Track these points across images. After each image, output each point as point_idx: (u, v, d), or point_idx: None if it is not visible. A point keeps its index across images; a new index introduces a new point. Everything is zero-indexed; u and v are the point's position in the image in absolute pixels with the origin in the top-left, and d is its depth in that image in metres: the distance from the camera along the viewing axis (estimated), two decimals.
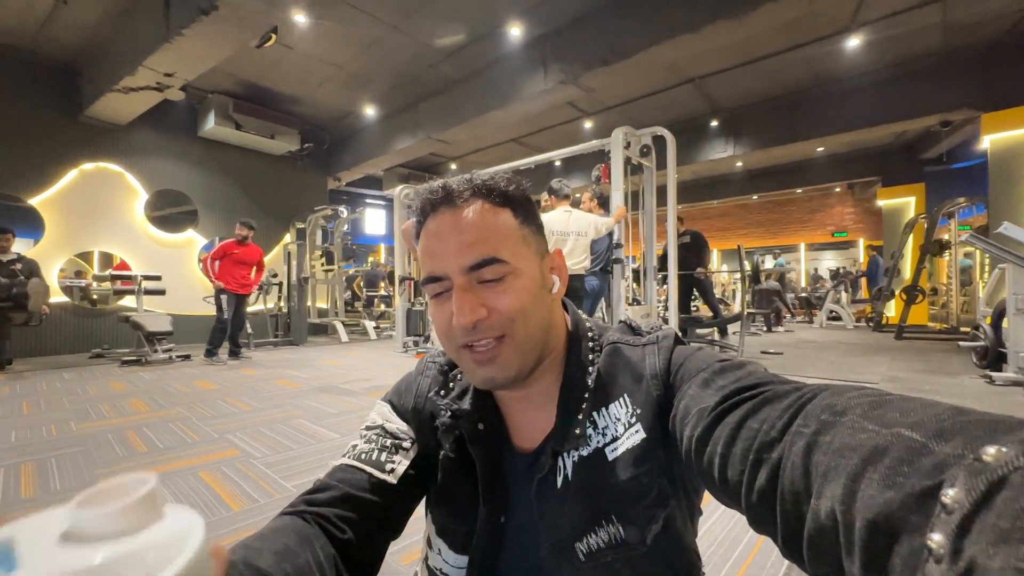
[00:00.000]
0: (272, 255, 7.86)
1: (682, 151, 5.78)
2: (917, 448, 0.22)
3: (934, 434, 0.22)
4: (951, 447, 0.21)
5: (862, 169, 9.92)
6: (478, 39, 5.44)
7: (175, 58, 4.50)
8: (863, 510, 0.22)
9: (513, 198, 0.50)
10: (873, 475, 0.23)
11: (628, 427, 0.48)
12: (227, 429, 2.64)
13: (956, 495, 0.18)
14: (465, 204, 0.47)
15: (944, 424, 0.22)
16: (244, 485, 1.90)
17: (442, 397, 0.56)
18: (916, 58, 6.06)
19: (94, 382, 4.05)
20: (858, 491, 0.23)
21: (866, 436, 0.25)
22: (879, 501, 0.21)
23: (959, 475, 0.18)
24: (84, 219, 5.97)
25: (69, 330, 5.84)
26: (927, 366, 4.34)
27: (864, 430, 0.25)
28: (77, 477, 1.97)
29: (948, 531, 0.17)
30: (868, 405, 0.28)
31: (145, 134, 6.47)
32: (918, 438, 0.22)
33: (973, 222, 7.96)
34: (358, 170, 8.66)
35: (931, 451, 0.21)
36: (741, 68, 6.29)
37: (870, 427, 0.25)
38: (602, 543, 0.46)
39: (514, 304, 0.46)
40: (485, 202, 0.48)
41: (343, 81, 6.44)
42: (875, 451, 0.23)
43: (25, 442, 2.42)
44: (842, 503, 0.23)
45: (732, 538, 1.46)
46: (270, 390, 3.68)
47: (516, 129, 8.14)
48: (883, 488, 0.22)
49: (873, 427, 0.25)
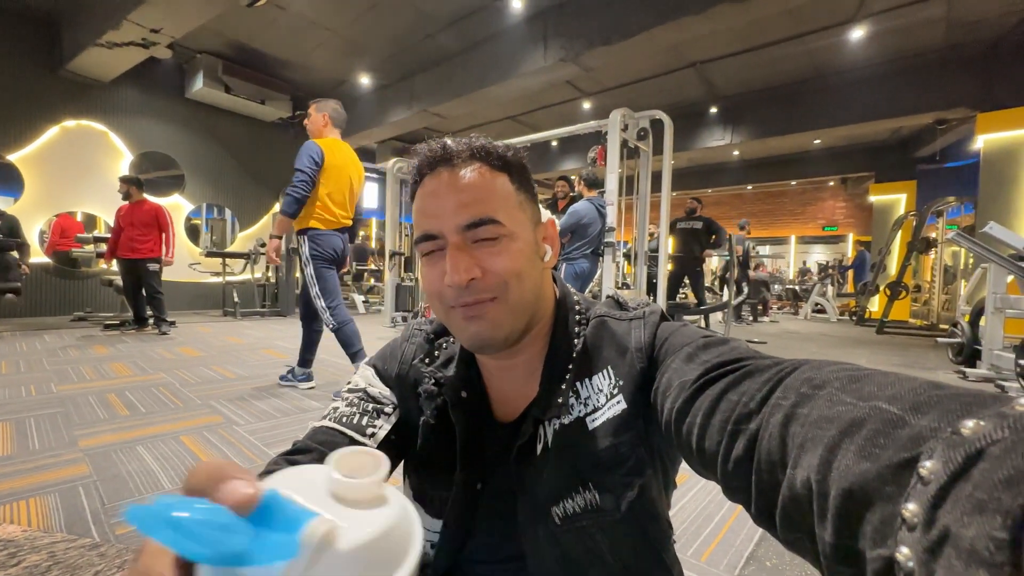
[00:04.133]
0: (260, 224, 7.74)
1: (679, 137, 5.74)
2: (894, 421, 0.22)
3: (911, 407, 0.22)
4: (928, 420, 0.21)
5: (857, 164, 9.96)
6: (478, 9, 5.29)
7: (162, 13, 4.32)
8: (838, 480, 0.22)
9: (511, 163, 0.50)
10: (850, 446, 0.23)
11: (610, 398, 0.49)
12: (211, 396, 2.63)
13: (933, 467, 0.18)
14: (463, 164, 0.47)
15: (921, 397, 0.22)
16: (226, 451, 1.90)
17: (427, 365, 0.57)
18: (917, 54, 6.03)
19: (76, 345, 3.99)
20: (834, 461, 0.23)
21: (844, 408, 0.25)
22: (855, 471, 0.21)
23: (937, 447, 0.19)
24: (66, 178, 5.79)
25: (51, 292, 5.73)
26: (904, 360, 4.45)
27: (842, 403, 0.26)
28: (57, 437, 1.95)
29: (923, 501, 0.17)
30: (846, 379, 0.28)
31: (130, 93, 6.25)
32: (895, 411, 0.22)
33: (960, 221, 8.06)
34: (351, 141, 8.46)
35: (908, 423, 0.21)
36: (743, 55, 6.22)
37: (848, 400, 0.26)
38: (578, 508, 0.47)
39: (508, 265, 0.46)
40: (483, 164, 0.48)
41: (338, 47, 6.25)
42: (852, 423, 0.24)
43: (3, 401, 2.39)
44: (818, 473, 0.24)
45: (705, 515, 1.51)
46: (256, 359, 3.66)
47: (514, 106, 8.00)
48: (859, 459, 0.22)
49: (851, 400, 0.25)
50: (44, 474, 1.63)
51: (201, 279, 6.92)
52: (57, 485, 1.55)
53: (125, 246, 4.62)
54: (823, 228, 12.60)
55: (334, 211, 2.65)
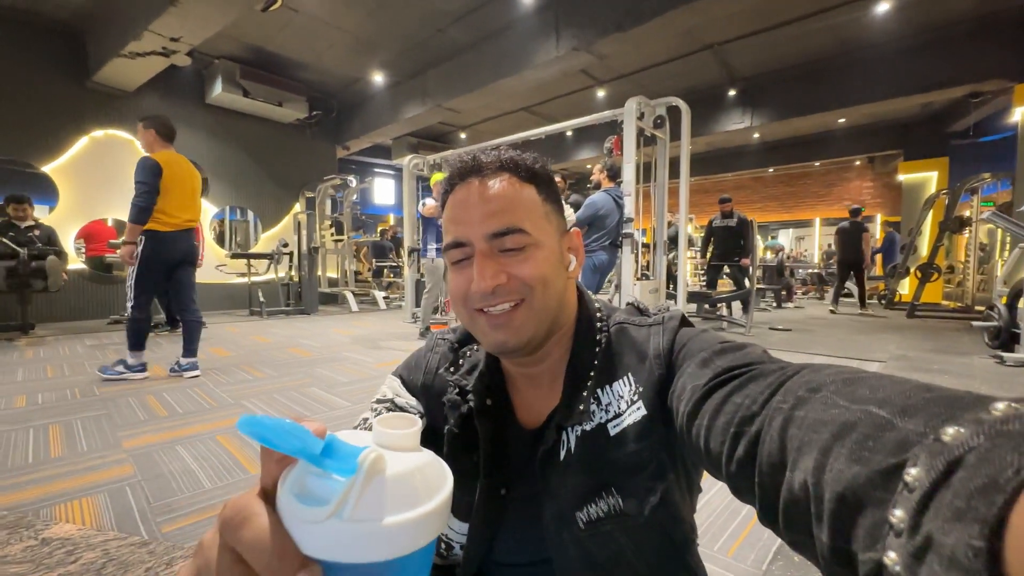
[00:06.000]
0: (282, 225, 7.89)
1: (697, 122, 5.62)
2: (883, 424, 0.23)
3: (899, 411, 0.23)
4: (914, 424, 0.21)
5: (884, 142, 9.59)
6: (488, 2, 5.25)
7: (180, 21, 4.41)
8: (831, 483, 0.23)
9: (538, 175, 0.51)
10: (841, 450, 0.24)
11: (631, 404, 0.50)
12: (242, 395, 2.73)
13: (917, 474, 0.19)
14: (492, 175, 0.49)
15: (909, 401, 0.23)
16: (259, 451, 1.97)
17: (451, 374, 0.58)
18: (948, 25, 5.75)
19: (113, 347, 4.17)
20: (827, 465, 0.24)
21: (837, 412, 0.26)
22: (847, 475, 0.22)
23: (920, 455, 0.19)
24: (97, 186, 6.00)
25: (88, 296, 5.98)
26: (937, 345, 4.31)
27: (836, 406, 0.27)
28: (103, 439, 2.06)
29: (909, 508, 0.18)
30: (842, 382, 0.29)
31: (153, 101, 6.42)
32: (884, 415, 0.23)
33: (996, 198, 7.71)
34: (367, 139, 8.56)
35: (895, 427, 0.22)
36: (762, 34, 6.03)
37: (841, 403, 0.27)
38: (602, 513, 0.49)
39: (534, 272, 0.48)
40: (512, 176, 0.50)
41: (350, 46, 6.29)
42: (844, 426, 0.25)
43: (51, 404, 2.52)
44: (813, 476, 0.25)
45: (731, 510, 1.51)
46: (283, 358, 3.77)
47: (527, 97, 7.95)
48: (850, 463, 0.23)
49: (844, 403, 0.26)
50: (93, 474, 1.72)
51: (227, 280, 7.11)
52: (106, 485, 1.64)
53: None
54: (849, 209, 12.18)
55: (177, 215, 3.04)
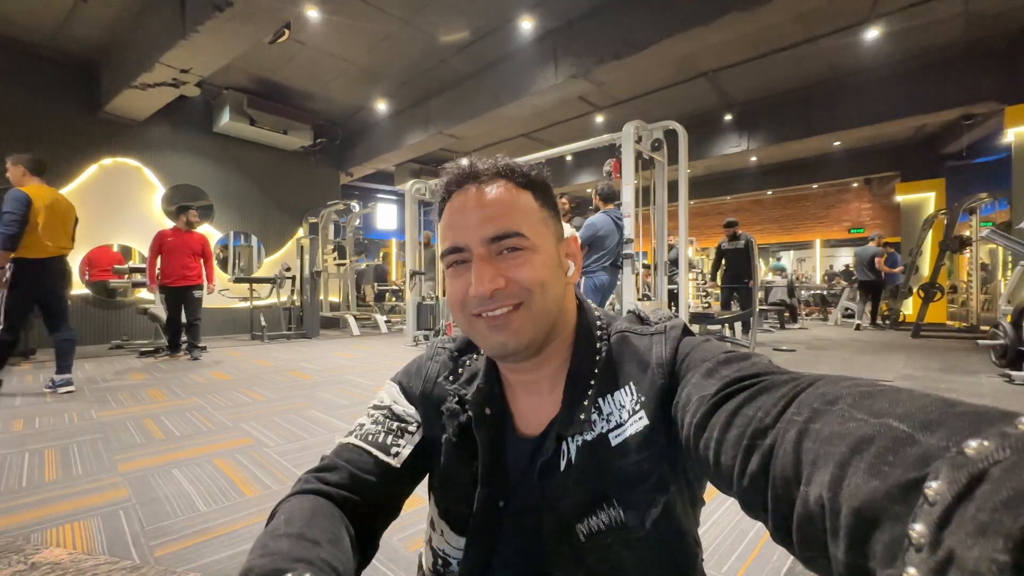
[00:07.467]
0: (285, 250, 7.96)
1: (695, 145, 5.72)
2: (903, 438, 0.22)
3: (920, 425, 0.22)
4: (936, 438, 0.21)
5: (880, 164, 9.71)
6: (488, 33, 5.43)
7: (191, 54, 4.56)
8: (849, 498, 0.22)
9: (535, 181, 0.52)
10: (860, 464, 0.23)
11: (632, 414, 0.48)
12: (241, 418, 2.70)
13: (939, 488, 0.18)
14: (489, 181, 0.50)
15: (931, 415, 0.23)
16: (257, 472, 1.94)
17: (451, 383, 0.57)
18: (937, 49, 5.90)
19: (113, 372, 4.15)
20: (845, 479, 0.23)
21: (855, 425, 0.25)
22: (865, 490, 0.22)
23: (942, 468, 0.19)
24: (104, 213, 6.09)
25: (89, 321, 5.98)
26: (944, 365, 4.26)
27: (853, 419, 0.26)
28: (98, 462, 2.03)
29: (930, 522, 0.18)
30: (859, 395, 0.28)
31: (162, 130, 6.58)
32: (904, 428, 0.23)
33: (995, 218, 7.75)
34: (370, 165, 8.71)
35: (916, 442, 0.22)
36: (755, 61, 6.19)
37: (859, 416, 0.26)
38: (602, 525, 0.47)
39: (532, 276, 0.48)
40: (508, 182, 0.50)
41: (355, 76, 6.47)
42: (862, 440, 0.24)
43: (48, 428, 2.49)
44: (829, 490, 0.24)
45: (739, 531, 1.46)
46: (283, 381, 3.74)
47: (527, 124, 8.11)
48: (869, 477, 0.22)
49: (862, 416, 0.26)
50: (87, 498, 1.69)
51: (230, 304, 7.13)
52: (99, 509, 1.61)
53: (176, 274, 4.77)
54: (849, 231, 12.25)
55: (46, 244, 3.19)
